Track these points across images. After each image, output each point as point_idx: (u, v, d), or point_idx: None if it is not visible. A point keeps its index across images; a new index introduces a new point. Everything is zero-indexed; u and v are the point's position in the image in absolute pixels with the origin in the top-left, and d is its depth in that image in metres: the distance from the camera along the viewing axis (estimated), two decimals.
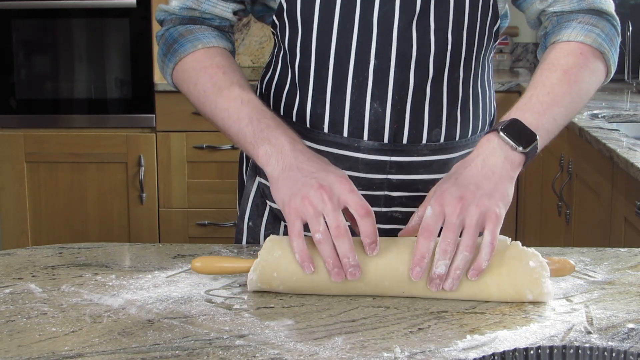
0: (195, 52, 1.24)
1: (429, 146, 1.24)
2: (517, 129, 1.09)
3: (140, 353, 0.88)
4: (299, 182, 1.04)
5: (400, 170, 1.25)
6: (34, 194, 3.37)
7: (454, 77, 1.24)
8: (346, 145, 1.24)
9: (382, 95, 1.22)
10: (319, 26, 1.21)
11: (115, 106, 3.35)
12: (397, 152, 1.24)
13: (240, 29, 3.88)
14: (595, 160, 2.22)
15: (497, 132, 1.09)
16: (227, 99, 1.18)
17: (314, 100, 1.25)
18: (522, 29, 3.89)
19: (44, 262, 1.16)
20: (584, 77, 1.18)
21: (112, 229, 3.39)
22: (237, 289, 1.06)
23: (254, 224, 1.37)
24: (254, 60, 3.89)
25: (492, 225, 1.01)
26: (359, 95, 1.22)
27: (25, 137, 3.33)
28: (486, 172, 1.06)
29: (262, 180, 1.33)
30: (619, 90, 3.06)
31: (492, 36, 1.26)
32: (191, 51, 1.24)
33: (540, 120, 1.12)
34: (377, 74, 1.21)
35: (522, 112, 1.12)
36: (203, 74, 1.22)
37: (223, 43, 1.27)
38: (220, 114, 1.18)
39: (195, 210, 3.34)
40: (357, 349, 0.89)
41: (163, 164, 3.35)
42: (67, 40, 3.32)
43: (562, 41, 1.21)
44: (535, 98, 1.14)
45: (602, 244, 2.13)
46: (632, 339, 0.92)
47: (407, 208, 1.28)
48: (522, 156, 1.09)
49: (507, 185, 1.06)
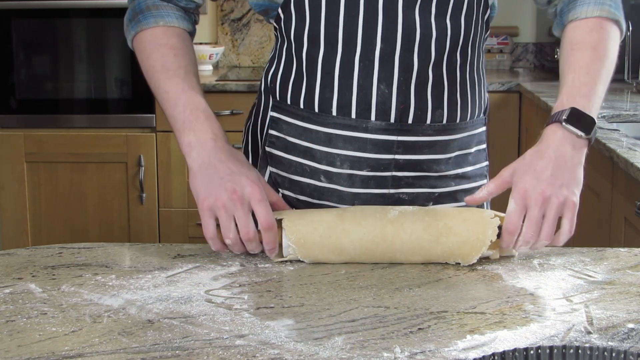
0: (156, 27, 1.31)
1: (433, 126, 1.30)
2: (577, 117, 1.18)
3: (140, 353, 0.88)
4: (215, 182, 1.17)
5: (406, 150, 1.30)
6: (34, 194, 3.37)
7: (452, 62, 1.30)
8: (355, 126, 1.29)
9: (388, 77, 1.27)
10: (326, 14, 1.27)
11: (115, 106, 3.35)
12: (404, 132, 1.29)
13: (240, 29, 3.88)
14: (595, 160, 2.22)
15: (560, 124, 1.18)
16: (169, 82, 1.27)
17: (322, 85, 1.29)
18: (522, 29, 3.88)
19: (44, 262, 1.16)
20: (609, 48, 1.28)
21: (112, 229, 3.38)
22: (237, 289, 1.06)
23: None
24: (254, 61, 3.89)
25: (571, 213, 1.14)
26: (365, 77, 1.27)
27: (25, 137, 3.33)
28: (560, 162, 1.15)
29: (274, 170, 1.37)
30: (619, 90, 3.06)
31: (485, 25, 1.34)
32: (152, 26, 1.31)
33: (590, 102, 1.21)
34: (383, 56, 1.27)
35: (573, 98, 1.21)
36: (156, 51, 1.30)
37: (184, 24, 1.34)
38: (161, 95, 1.28)
39: (195, 210, 3.28)
40: (357, 349, 0.89)
41: (163, 164, 3.35)
42: (67, 40, 3.32)
43: (581, 19, 1.29)
44: (578, 80, 1.23)
45: (602, 244, 2.13)
46: (632, 339, 0.92)
47: (413, 189, 1.33)
48: (586, 141, 1.19)
49: (579, 171, 1.18)
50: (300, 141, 1.32)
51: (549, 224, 1.13)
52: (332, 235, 1.14)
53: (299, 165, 1.33)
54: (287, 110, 1.33)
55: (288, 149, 1.34)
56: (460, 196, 1.35)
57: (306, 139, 1.32)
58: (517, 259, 1.19)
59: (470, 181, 1.37)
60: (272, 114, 1.36)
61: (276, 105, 1.35)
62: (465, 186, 1.36)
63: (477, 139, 1.38)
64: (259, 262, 1.17)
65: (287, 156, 1.34)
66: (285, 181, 1.35)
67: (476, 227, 1.14)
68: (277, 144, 1.35)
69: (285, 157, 1.35)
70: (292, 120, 1.33)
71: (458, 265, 1.16)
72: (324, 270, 1.14)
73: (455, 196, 1.35)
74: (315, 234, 1.15)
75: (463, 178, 1.36)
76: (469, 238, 1.14)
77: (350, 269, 1.14)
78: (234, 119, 3.30)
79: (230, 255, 1.19)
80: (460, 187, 1.36)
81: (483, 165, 1.40)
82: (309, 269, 1.15)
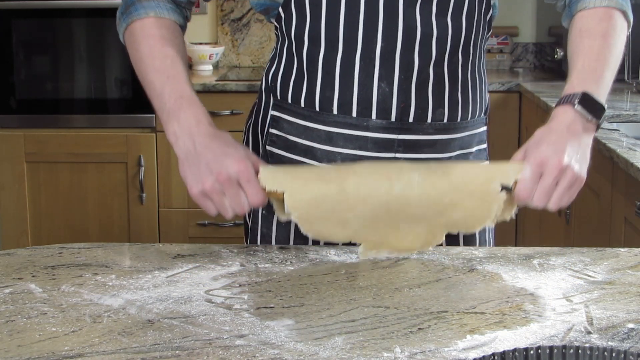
0: (146, 19, 1.32)
1: (433, 125, 1.31)
2: (588, 101, 1.20)
3: (140, 353, 0.88)
4: (201, 169, 1.17)
5: (407, 149, 1.30)
6: (34, 194, 3.37)
7: (454, 61, 1.30)
8: (355, 125, 1.29)
9: (388, 75, 1.28)
10: (327, 13, 1.27)
11: (115, 106, 3.35)
12: (404, 131, 1.30)
13: (240, 29, 3.88)
14: (595, 160, 2.22)
15: (571, 106, 1.19)
16: (155, 71, 1.27)
17: (323, 84, 1.30)
18: (522, 29, 3.88)
19: (44, 262, 1.16)
20: (617, 37, 1.30)
21: (112, 229, 3.38)
22: (237, 289, 1.06)
23: (267, 212, 1.38)
24: (254, 61, 3.89)
25: (577, 189, 1.16)
26: (366, 75, 1.28)
27: (25, 137, 3.33)
28: (572, 140, 1.16)
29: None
30: (619, 90, 3.05)
31: (486, 25, 1.34)
32: (142, 17, 1.32)
33: (599, 88, 1.23)
34: (384, 55, 1.27)
35: (584, 82, 1.22)
36: (145, 42, 1.30)
37: (174, 16, 1.34)
38: (148, 85, 1.28)
39: (195, 210, 3.34)
40: (357, 349, 0.89)
41: (163, 164, 3.35)
42: (67, 40, 3.32)
43: (589, 8, 1.32)
44: (588, 66, 1.25)
45: (602, 244, 2.13)
46: (632, 339, 0.92)
47: None
48: (595, 126, 1.20)
49: (589, 152, 1.20)
50: (301, 140, 1.32)
51: (560, 194, 1.14)
52: (335, 210, 1.15)
53: (299, 164, 1.33)
54: (288, 109, 1.33)
55: (289, 148, 1.34)
56: None
57: (307, 138, 1.32)
58: (517, 259, 1.19)
59: None
60: (272, 113, 1.36)
61: (277, 104, 1.35)
62: None
63: (477, 138, 1.38)
64: (259, 262, 1.17)
65: (287, 155, 1.35)
66: None
67: (482, 204, 1.15)
68: (277, 143, 1.36)
69: (286, 156, 1.35)
70: (292, 119, 1.33)
71: (458, 265, 1.16)
72: (324, 270, 1.14)
73: None
74: (318, 210, 1.15)
75: None
76: (474, 213, 1.15)
77: (350, 269, 1.14)
78: (234, 119, 3.30)
79: (230, 255, 1.19)
80: None
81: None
82: (309, 269, 1.15)
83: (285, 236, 1.35)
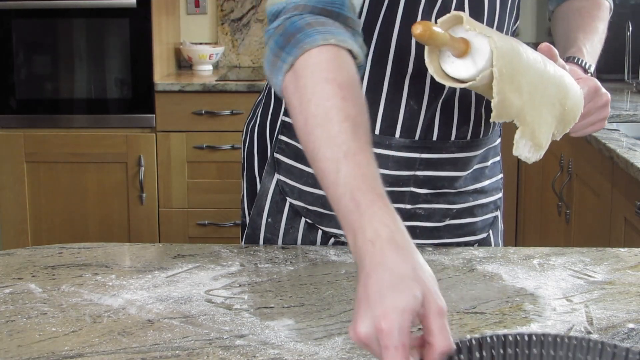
0: (324, 47, 0.99)
1: (456, 143, 1.27)
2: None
3: (140, 353, 0.88)
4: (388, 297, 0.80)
5: (428, 167, 1.27)
6: (34, 194, 3.37)
7: None
8: (377, 142, 1.22)
9: (418, 93, 1.23)
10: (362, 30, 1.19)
11: (115, 106, 3.35)
12: (427, 150, 1.26)
13: (240, 29, 3.88)
14: (596, 160, 2.22)
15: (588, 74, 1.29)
16: (329, 144, 0.92)
17: None
18: (522, 29, 3.88)
19: (44, 262, 1.16)
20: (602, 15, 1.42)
21: (112, 229, 3.39)
22: (237, 289, 1.06)
23: (273, 220, 1.36)
24: (254, 61, 3.89)
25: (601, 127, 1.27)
26: (395, 93, 1.23)
27: (25, 137, 3.33)
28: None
29: (282, 178, 1.33)
30: (619, 90, 3.05)
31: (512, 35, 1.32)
32: (320, 44, 0.99)
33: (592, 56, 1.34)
34: (414, 72, 1.22)
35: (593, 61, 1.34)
36: (319, 92, 0.96)
37: (356, 47, 1.03)
38: (317, 164, 0.94)
39: (195, 210, 3.34)
40: (357, 349, 0.89)
41: (163, 164, 3.35)
42: (67, 40, 3.32)
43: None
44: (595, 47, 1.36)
45: (602, 244, 2.13)
46: (632, 339, 0.92)
47: (430, 204, 1.29)
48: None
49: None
50: None
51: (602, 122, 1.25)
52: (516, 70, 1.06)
53: (310, 176, 1.27)
54: None
55: (299, 158, 1.29)
56: (478, 211, 1.33)
57: None
58: (517, 259, 1.19)
59: (487, 195, 1.34)
60: (283, 119, 1.31)
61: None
62: (482, 201, 1.33)
63: (493, 151, 1.36)
64: (259, 262, 1.17)
65: (297, 165, 1.30)
66: (295, 191, 1.31)
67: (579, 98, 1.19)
68: (286, 151, 1.31)
69: (295, 166, 1.30)
70: None
71: (458, 265, 1.16)
72: (324, 270, 1.14)
73: (472, 211, 1.32)
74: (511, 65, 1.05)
75: (480, 193, 1.33)
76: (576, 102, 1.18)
77: (350, 269, 1.14)
78: (234, 119, 3.30)
79: (230, 255, 1.19)
80: (478, 202, 1.33)
81: (498, 178, 1.38)
82: (309, 269, 1.15)
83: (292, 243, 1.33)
